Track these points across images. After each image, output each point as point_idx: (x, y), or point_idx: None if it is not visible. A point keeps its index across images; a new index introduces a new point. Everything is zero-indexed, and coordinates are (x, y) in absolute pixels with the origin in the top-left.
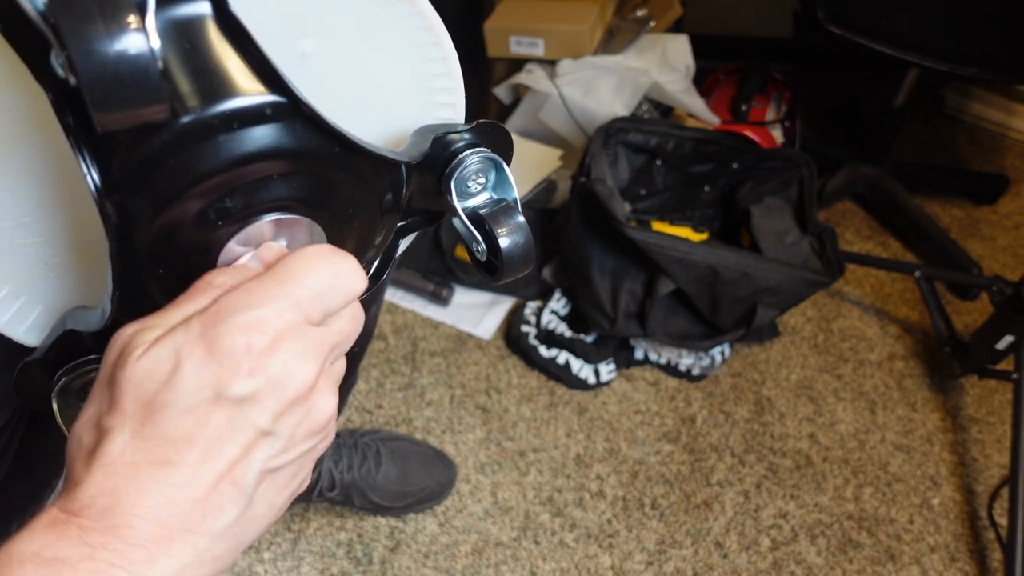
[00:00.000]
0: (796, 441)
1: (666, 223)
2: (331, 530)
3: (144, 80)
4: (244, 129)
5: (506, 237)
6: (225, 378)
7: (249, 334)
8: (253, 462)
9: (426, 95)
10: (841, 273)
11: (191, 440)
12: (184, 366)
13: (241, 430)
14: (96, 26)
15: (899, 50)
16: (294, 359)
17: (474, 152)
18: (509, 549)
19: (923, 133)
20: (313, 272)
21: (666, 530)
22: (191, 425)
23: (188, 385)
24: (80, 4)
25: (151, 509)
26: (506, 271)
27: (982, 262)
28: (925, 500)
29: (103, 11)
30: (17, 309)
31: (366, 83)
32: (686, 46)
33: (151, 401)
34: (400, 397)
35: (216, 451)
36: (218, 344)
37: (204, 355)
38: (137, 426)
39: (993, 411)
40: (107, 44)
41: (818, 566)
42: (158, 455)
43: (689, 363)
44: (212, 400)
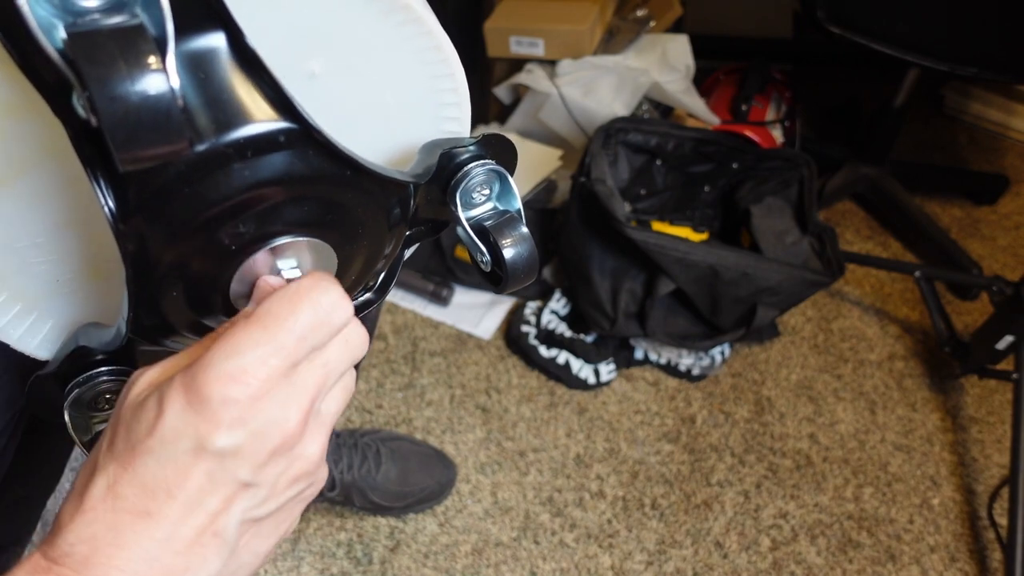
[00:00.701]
0: (796, 441)
1: (666, 223)
2: (331, 530)
3: (166, 121)
4: (258, 157)
5: (510, 248)
6: (205, 430)
7: (228, 385)
8: (234, 513)
9: (433, 110)
10: (841, 273)
11: (171, 492)
12: (166, 414)
13: (222, 483)
14: (118, 69)
15: (899, 50)
16: (277, 408)
17: (479, 164)
18: (509, 549)
19: (923, 133)
20: (295, 313)
21: (666, 530)
22: (171, 476)
23: (168, 434)
24: (102, 46)
25: (130, 562)
26: (510, 281)
27: (982, 262)
28: (925, 500)
29: (125, 54)
30: (29, 325)
31: (374, 101)
32: (686, 46)
33: (135, 446)
34: (400, 397)
35: (197, 504)
36: (199, 395)
37: (184, 404)
38: (119, 470)
39: (993, 411)
40: (129, 87)
41: (818, 566)
42: (137, 505)
43: (689, 363)
44: (193, 452)
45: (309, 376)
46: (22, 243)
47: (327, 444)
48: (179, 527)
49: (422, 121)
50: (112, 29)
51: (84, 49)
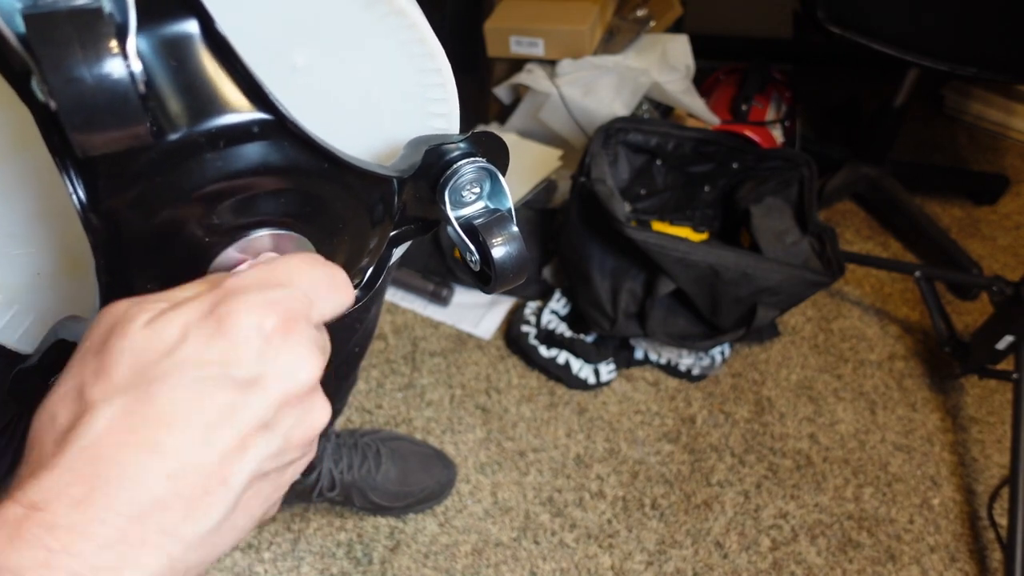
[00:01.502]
0: (796, 441)
1: (666, 223)
2: (331, 530)
3: (123, 105)
4: (231, 147)
5: (499, 248)
6: (233, 356)
7: (263, 314)
8: (247, 460)
9: (420, 106)
10: (841, 273)
11: (188, 420)
12: (191, 338)
13: (241, 417)
14: (74, 52)
15: (899, 50)
16: (303, 349)
17: (469, 162)
18: (509, 549)
19: (923, 133)
20: (314, 272)
21: (666, 530)
22: (190, 402)
23: (193, 358)
24: (59, 30)
25: (130, 503)
26: (498, 281)
27: (982, 262)
28: (925, 500)
29: (81, 37)
30: (10, 318)
31: (359, 94)
32: (686, 46)
33: (148, 372)
34: (400, 397)
35: (211, 437)
36: (229, 321)
37: (214, 330)
38: (129, 400)
39: (993, 411)
40: (85, 70)
41: (818, 566)
42: (147, 436)
43: (689, 363)
44: (216, 379)
45: (321, 335)
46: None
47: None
48: (189, 462)
49: (409, 117)
50: (70, 11)
51: (40, 31)
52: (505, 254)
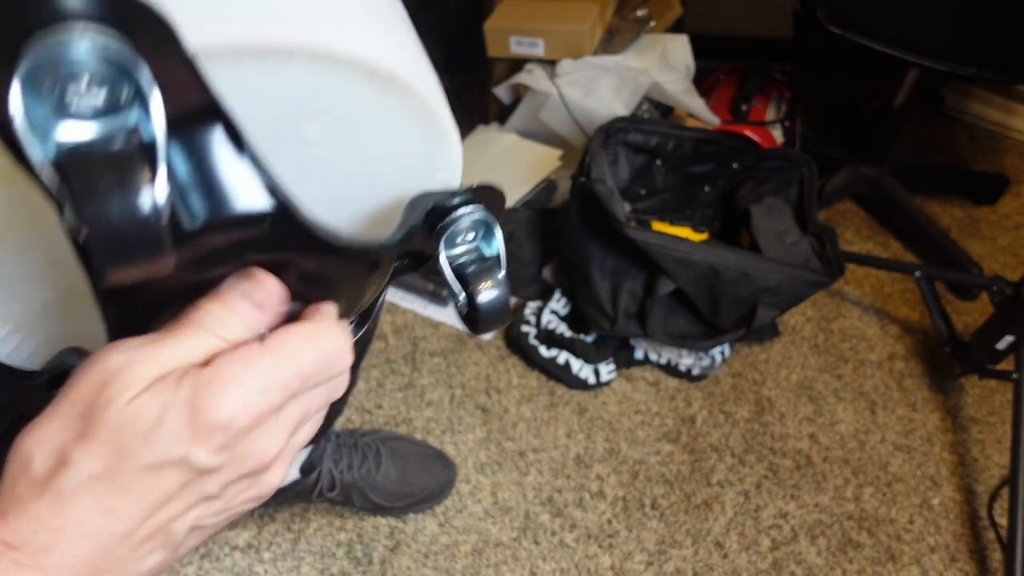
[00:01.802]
0: (796, 441)
1: (666, 223)
2: (331, 530)
3: (152, 240)
4: (243, 239)
5: (486, 293)
6: (197, 448)
7: (235, 414)
8: (189, 519)
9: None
10: (841, 273)
11: (144, 493)
12: (165, 425)
13: (191, 492)
14: (108, 188)
15: (899, 50)
16: (262, 440)
17: (467, 212)
18: (509, 549)
19: (923, 133)
20: (306, 353)
21: (666, 530)
22: (150, 481)
23: (163, 445)
24: (93, 165)
25: (87, 553)
26: (483, 324)
27: (982, 262)
28: (925, 500)
29: (117, 174)
30: (17, 344)
31: (366, 162)
32: (686, 46)
33: (122, 446)
34: (400, 397)
35: (161, 508)
36: (204, 415)
37: (187, 421)
38: (101, 468)
39: (993, 411)
40: (116, 207)
41: (818, 566)
42: (109, 502)
43: (689, 363)
44: (178, 463)
45: (294, 412)
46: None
47: (288, 470)
48: (140, 526)
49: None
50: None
51: (74, 164)
52: (491, 300)
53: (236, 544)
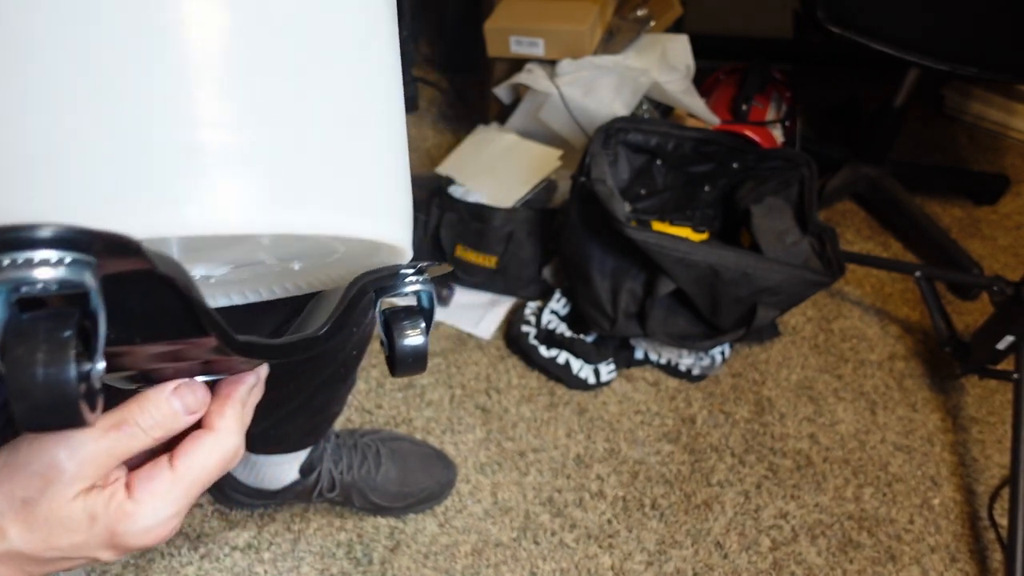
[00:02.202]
0: (796, 441)
1: (666, 223)
2: (331, 530)
3: (66, 410)
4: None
5: (407, 341)
6: (107, 553)
7: (148, 543)
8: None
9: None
10: (841, 273)
11: (50, 569)
12: (90, 537)
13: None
14: (34, 361)
15: (899, 50)
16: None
17: (411, 283)
18: (509, 549)
19: (923, 133)
20: (212, 465)
21: (666, 530)
22: (63, 564)
23: (83, 549)
24: (28, 338)
25: None
26: (398, 369)
27: (982, 262)
28: (925, 500)
29: (47, 348)
30: None
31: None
32: (686, 46)
33: (52, 541)
34: (400, 397)
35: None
36: (121, 540)
37: (107, 540)
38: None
39: (993, 411)
40: (39, 378)
41: (818, 566)
42: (27, 569)
43: (689, 363)
44: (88, 558)
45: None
46: None
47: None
48: None
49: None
50: (44, 331)
51: (13, 335)
52: (409, 347)
53: (236, 544)
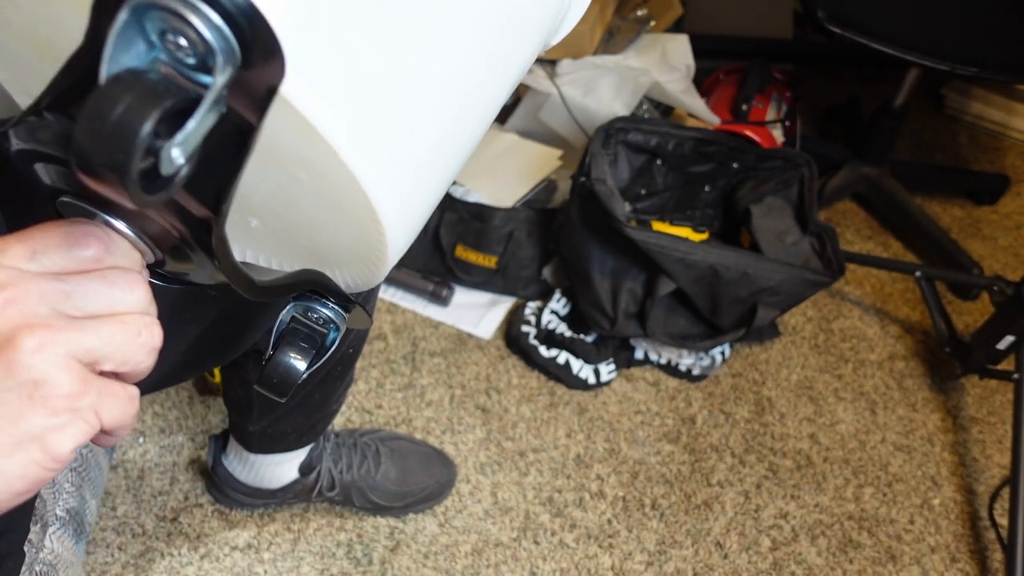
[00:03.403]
0: (796, 441)
1: (666, 223)
2: (331, 530)
3: (122, 154)
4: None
5: (284, 358)
6: None
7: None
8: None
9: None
10: (841, 273)
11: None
12: None
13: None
14: (122, 99)
15: (899, 50)
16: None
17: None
18: (509, 549)
19: (923, 133)
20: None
21: (666, 530)
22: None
23: None
24: (134, 83)
25: None
26: (262, 380)
27: (983, 262)
28: (926, 500)
29: (139, 95)
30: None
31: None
32: (686, 46)
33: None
34: (400, 397)
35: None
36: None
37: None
38: None
39: (994, 411)
40: (115, 115)
41: (818, 566)
42: None
43: (689, 363)
44: None
45: (37, 281)
46: None
47: (61, 358)
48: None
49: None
50: (152, 78)
51: (120, 80)
52: (282, 364)
53: (236, 544)
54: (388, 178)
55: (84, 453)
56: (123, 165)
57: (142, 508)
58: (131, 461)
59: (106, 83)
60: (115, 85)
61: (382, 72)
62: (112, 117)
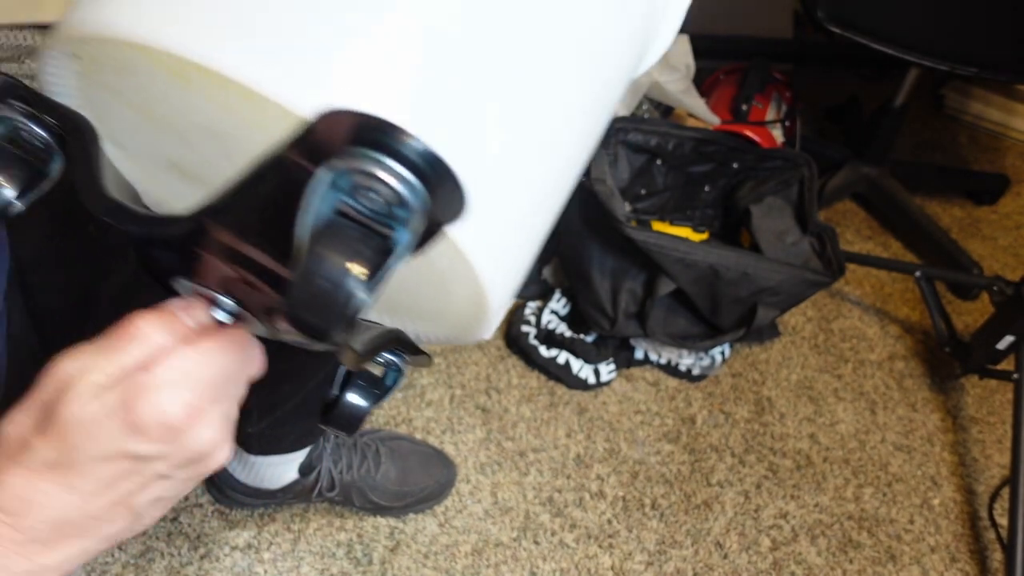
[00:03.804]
0: (796, 441)
1: (666, 223)
2: (331, 530)
3: (339, 321)
4: None
5: (354, 398)
6: (135, 441)
7: (163, 412)
8: (147, 495)
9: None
10: (841, 273)
11: (97, 477)
12: (105, 425)
13: (141, 474)
14: (339, 265)
15: (899, 50)
16: (203, 429)
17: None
18: (509, 549)
19: (923, 133)
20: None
21: (666, 530)
22: (100, 467)
23: (104, 441)
24: (340, 241)
25: (53, 519)
26: (331, 419)
27: (982, 262)
28: (925, 500)
29: (351, 257)
30: None
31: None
32: (686, 46)
33: (75, 443)
34: (400, 397)
35: (114, 487)
36: (135, 415)
37: (122, 420)
38: (56, 456)
39: (993, 411)
40: (335, 282)
41: (818, 566)
42: (66, 482)
43: (689, 363)
44: (120, 453)
45: (233, 401)
46: None
47: (222, 434)
48: (96, 500)
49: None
50: (351, 231)
51: (324, 234)
52: (350, 404)
53: (236, 544)
54: (500, 269)
55: None
56: (342, 332)
57: None
58: None
59: (315, 243)
60: (326, 247)
61: (512, 188)
62: (330, 289)
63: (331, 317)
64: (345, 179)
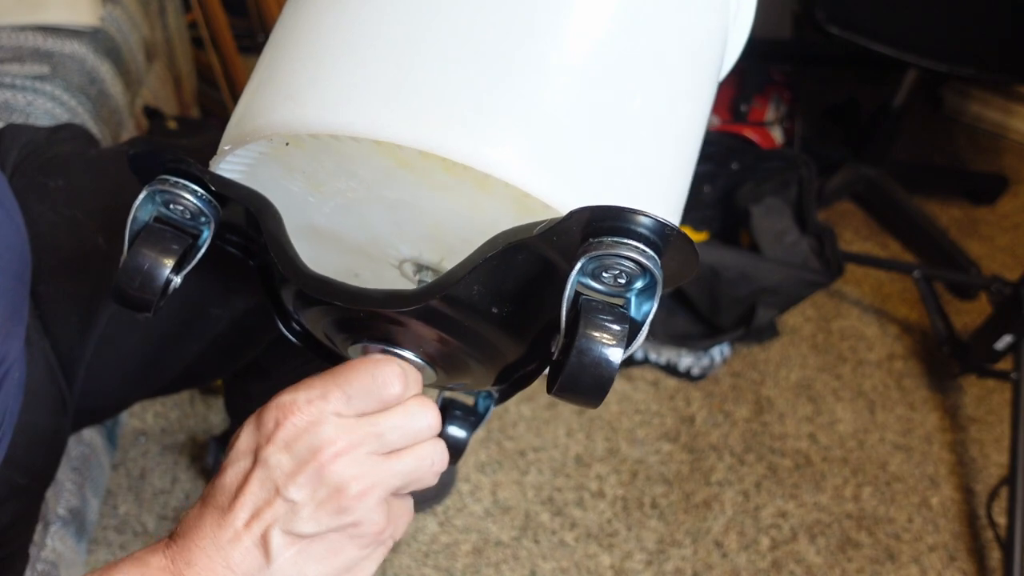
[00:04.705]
0: (796, 441)
1: None
2: None
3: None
4: None
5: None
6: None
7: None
8: (278, 524)
9: None
10: (840, 273)
11: (253, 511)
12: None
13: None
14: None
15: (898, 51)
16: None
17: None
18: (509, 548)
19: (922, 133)
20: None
21: (666, 529)
22: (252, 500)
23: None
24: (598, 312)
25: (204, 548)
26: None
27: (981, 262)
28: (924, 499)
29: (611, 324)
30: None
31: None
32: None
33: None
34: None
35: (254, 509)
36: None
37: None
38: (210, 485)
39: (992, 411)
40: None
41: (817, 565)
42: (220, 506)
43: (689, 363)
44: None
45: (357, 429)
46: None
47: (377, 500)
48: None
49: None
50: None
51: (586, 312)
52: (451, 436)
53: None
54: None
55: (85, 453)
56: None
57: (143, 507)
58: (132, 460)
59: (582, 325)
60: (589, 327)
61: None
62: (602, 365)
63: (601, 390)
64: (591, 264)
